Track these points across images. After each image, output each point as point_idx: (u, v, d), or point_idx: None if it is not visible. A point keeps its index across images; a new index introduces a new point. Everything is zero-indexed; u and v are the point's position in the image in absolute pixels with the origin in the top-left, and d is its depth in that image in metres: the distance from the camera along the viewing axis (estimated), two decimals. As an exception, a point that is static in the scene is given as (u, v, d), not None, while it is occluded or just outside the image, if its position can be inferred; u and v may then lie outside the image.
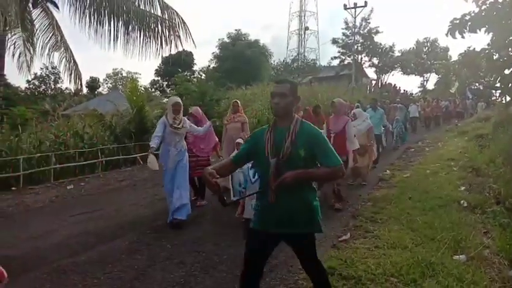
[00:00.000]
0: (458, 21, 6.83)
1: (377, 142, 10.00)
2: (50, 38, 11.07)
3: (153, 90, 45.20)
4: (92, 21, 9.54)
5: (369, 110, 10.87)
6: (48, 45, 11.10)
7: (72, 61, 11.48)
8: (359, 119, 8.33)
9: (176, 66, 36.42)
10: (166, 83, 44.80)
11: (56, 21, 11.10)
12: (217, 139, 7.18)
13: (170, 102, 6.10)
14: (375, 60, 47.13)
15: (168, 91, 37.82)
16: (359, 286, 3.57)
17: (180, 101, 6.04)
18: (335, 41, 45.27)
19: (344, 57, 45.47)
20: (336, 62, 46.49)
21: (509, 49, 6.98)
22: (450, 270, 3.72)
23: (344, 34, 44.71)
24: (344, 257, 4.18)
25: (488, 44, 7.39)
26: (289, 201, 2.55)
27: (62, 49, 11.30)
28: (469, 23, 6.70)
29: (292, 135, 2.54)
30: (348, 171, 8.13)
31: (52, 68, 40.89)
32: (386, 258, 4.12)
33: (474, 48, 8.61)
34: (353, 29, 40.14)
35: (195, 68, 45.83)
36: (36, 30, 11.05)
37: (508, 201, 5.74)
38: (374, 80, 47.88)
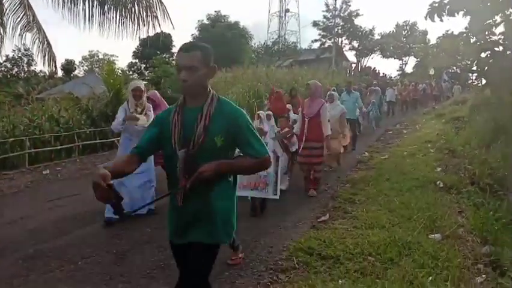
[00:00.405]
0: (437, 5, 6.87)
1: (352, 127, 9.85)
2: (21, 18, 10.60)
3: (131, 72, 44.27)
4: (66, 0, 9.20)
5: (344, 94, 10.67)
6: (19, 26, 10.62)
7: (46, 42, 11.06)
8: (333, 102, 8.00)
9: (154, 48, 35.61)
10: (144, 65, 43.93)
11: (27, 0, 10.66)
12: None
13: (130, 87, 5.35)
14: (355, 44, 47.35)
15: (146, 74, 37.15)
16: (338, 265, 3.62)
17: (142, 85, 5.34)
18: (315, 24, 45.21)
19: (324, 40, 45.52)
20: (316, 45, 46.56)
21: (486, 32, 7.07)
22: (426, 249, 3.81)
23: (324, 17, 44.75)
24: (323, 237, 4.23)
25: (466, 28, 7.48)
26: (200, 202, 2.05)
27: (35, 30, 10.85)
28: (448, 7, 6.75)
29: (206, 119, 2.00)
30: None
31: (25, 49, 39.37)
32: (363, 238, 4.19)
33: (452, 32, 8.72)
34: (334, 12, 40.14)
35: (174, 50, 45.05)
36: (6, 9, 10.58)
37: (482, 182, 5.90)
38: (354, 63, 48.21)
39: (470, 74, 16.90)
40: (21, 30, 10.65)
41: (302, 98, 8.55)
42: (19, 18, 10.59)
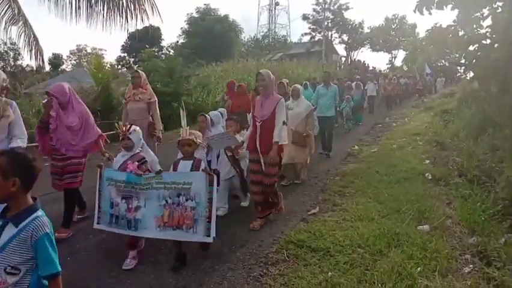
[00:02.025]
0: (425, -3, 6.90)
1: (329, 127, 8.72)
2: (6, 11, 10.41)
3: (119, 67, 43.87)
4: (52, -7, 9.04)
5: (321, 87, 8.99)
6: (4, 19, 10.46)
7: (32, 36, 10.89)
8: (298, 99, 6.53)
9: (143, 42, 35.34)
10: (133, 59, 43.55)
11: (12, -7, 10.46)
12: (99, 131, 4.83)
13: None
14: (344, 37, 47.53)
15: (135, 68, 36.86)
16: (328, 257, 3.65)
17: (4, 76, 3.89)
18: (305, 17, 45.34)
19: (314, 34, 45.66)
20: (306, 39, 46.76)
21: (474, 25, 7.13)
22: (414, 240, 3.86)
23: (314, 10, 44.86)
24: (313, 230, 4.26)
25: (454, 21, 7.53)
26: None
27: (21, 23, 10.67)
28: (436, 0, 6.79)
29: None
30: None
31: (11, 43, 38.80)
32: (353, 230, 4.23)
33: (441, 25, 8.77)
34: (323, 5, 40.13)
35: (163, 43, 44.73)
36: (-10, 2, 10.38)
37: (470, 174, 5.97)
38: (344, 56, 48.35)
39: (458, 67, 17.08)
40: (6, 23, 10.45)
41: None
42: (4, 11, 10.40)
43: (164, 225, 3.51)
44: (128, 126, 3.86)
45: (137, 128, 3.97)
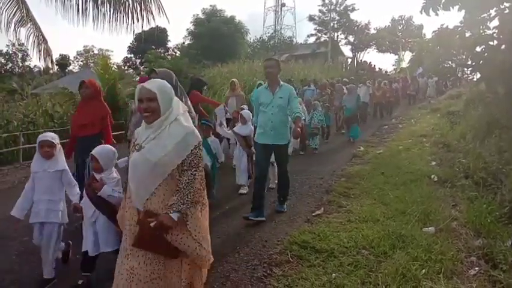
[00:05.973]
0: (432, -1, 6.88)
1: (282, 161, 5.05)
2: (15, 13, 10.49)
3: (126, 67, 44.14)
4: (58, -7, 9.11)
5: (262, 90, 4.95)
6: (13, 21, 10.54)
7: (41, 37, 11.01)
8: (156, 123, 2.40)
9: (149, 43, 35.50)
10: (140, 60, 43.81)
11: (20, -6, 10.56)
12: None
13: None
14: (351, 38, 47.46)
15: (141, 69, 37.00)
16: (332, 259, 3.64)
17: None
18: (311, 18, 45.35)
19: (320, 35, 45.66)
20: (312, 40, 46.74)
21: (481, 26, 7.09)
22: (419, 242, 3.83)
23: (320, 11, 44.87)
24: (317, 231, 4.24)
25: (461, 22, 7.50)
26: None
27: (29, 24, 10.75)
28: (443, 1, 6.76)
29: None
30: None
31: (19, 45, 39.23)
32: (357, 231, 4.21)
33: (447, 26, 8.73)
34: (329, 6, 40.09)
35: (170, 45, 44.96)
36: (-1, 4, 10.49)
37: (476, 175, 5.92)
38: (350, 57, 48.22)
39: (465, 69, 16.92)
40: (15, 25, 10.54)
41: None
42: (13, 13, 10.48)
43: None
44: None
45: None
